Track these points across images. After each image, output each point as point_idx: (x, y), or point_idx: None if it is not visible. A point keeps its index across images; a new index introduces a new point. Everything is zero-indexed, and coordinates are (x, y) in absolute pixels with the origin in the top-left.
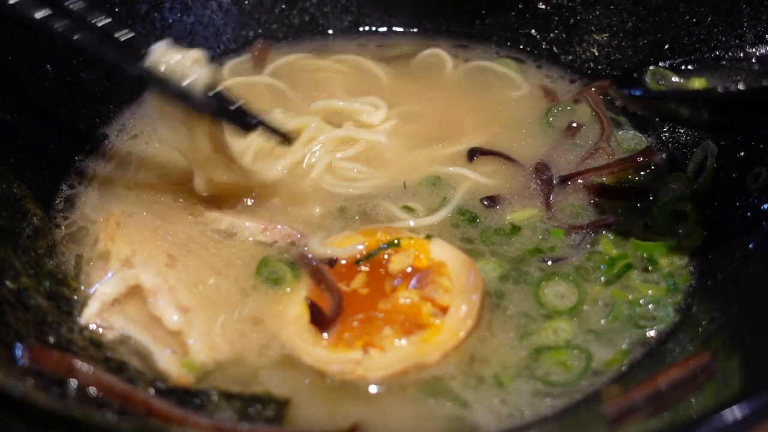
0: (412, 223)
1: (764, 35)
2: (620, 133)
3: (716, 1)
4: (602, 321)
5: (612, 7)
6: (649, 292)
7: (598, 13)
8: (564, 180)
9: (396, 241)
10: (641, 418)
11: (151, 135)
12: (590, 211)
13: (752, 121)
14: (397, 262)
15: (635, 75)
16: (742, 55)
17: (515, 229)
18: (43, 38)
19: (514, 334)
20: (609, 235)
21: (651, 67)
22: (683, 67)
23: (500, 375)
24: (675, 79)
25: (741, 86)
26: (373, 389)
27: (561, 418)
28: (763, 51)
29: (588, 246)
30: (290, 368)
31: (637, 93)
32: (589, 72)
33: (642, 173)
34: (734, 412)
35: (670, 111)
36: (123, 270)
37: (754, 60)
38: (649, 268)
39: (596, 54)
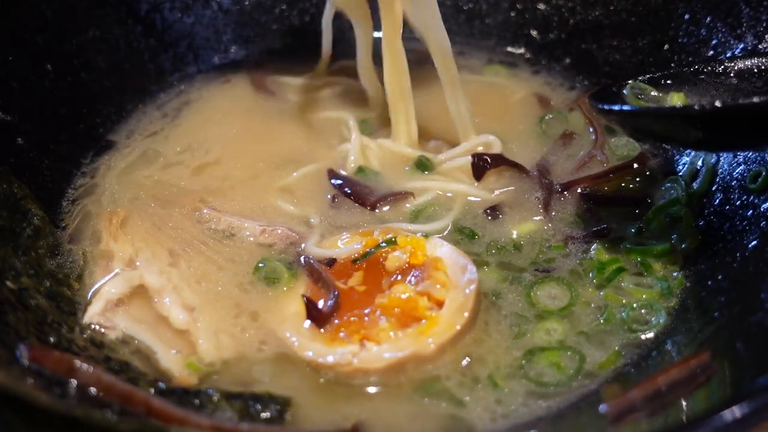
0: (410, 227)
1: (764, 35)
2: (613, 140)
3: (716, 1)
4: (594, 324)
5: (612, 7)
6: (643, 296)
7: (597, 13)
8: (561, 189)
9: (393, 239)
10: (641, 418)
11: (150, 134)
12: (586, 220)
13: (730, 137)
14: (394, 260)
15: (614, 89)
16: (721, 69)
17: (514, 241)
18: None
19: (508, 335)
20: (603, 243)
21: (630, 82)
22: (662, 82)
23: (494, 375)
24: (654, 93)
25: (718, 103)
26: (371, 390)
27: (559, 418)
28: (741, 65)
29: (581, 253)
30: (289, 368)
31: (615, 108)
32: (588, 72)
33: (637, 179)
34: (734, 412)
35: (647, 127)
36: (126, 270)
37: (732, 74)
38: (644, 272)
39: (596, 54)
